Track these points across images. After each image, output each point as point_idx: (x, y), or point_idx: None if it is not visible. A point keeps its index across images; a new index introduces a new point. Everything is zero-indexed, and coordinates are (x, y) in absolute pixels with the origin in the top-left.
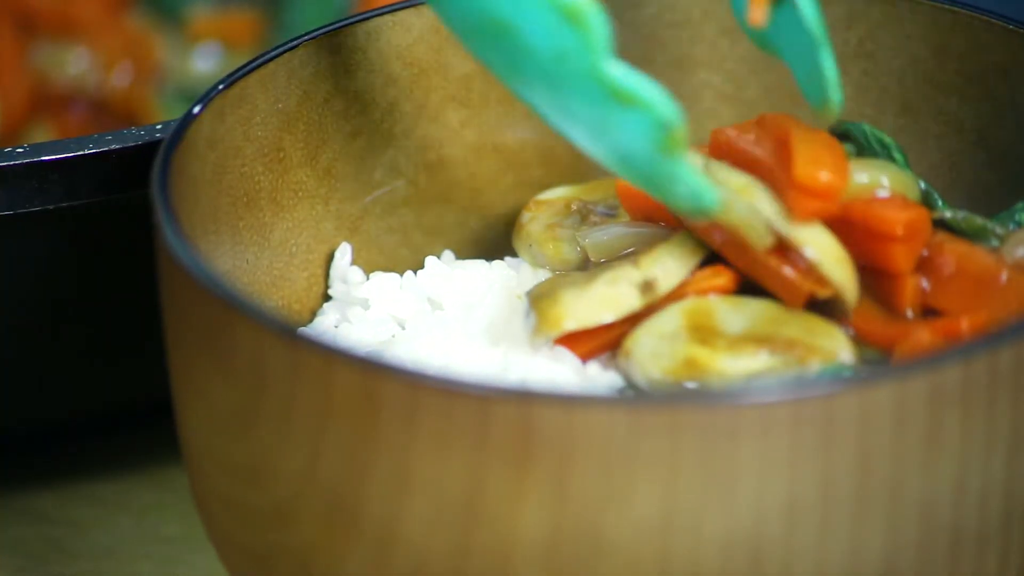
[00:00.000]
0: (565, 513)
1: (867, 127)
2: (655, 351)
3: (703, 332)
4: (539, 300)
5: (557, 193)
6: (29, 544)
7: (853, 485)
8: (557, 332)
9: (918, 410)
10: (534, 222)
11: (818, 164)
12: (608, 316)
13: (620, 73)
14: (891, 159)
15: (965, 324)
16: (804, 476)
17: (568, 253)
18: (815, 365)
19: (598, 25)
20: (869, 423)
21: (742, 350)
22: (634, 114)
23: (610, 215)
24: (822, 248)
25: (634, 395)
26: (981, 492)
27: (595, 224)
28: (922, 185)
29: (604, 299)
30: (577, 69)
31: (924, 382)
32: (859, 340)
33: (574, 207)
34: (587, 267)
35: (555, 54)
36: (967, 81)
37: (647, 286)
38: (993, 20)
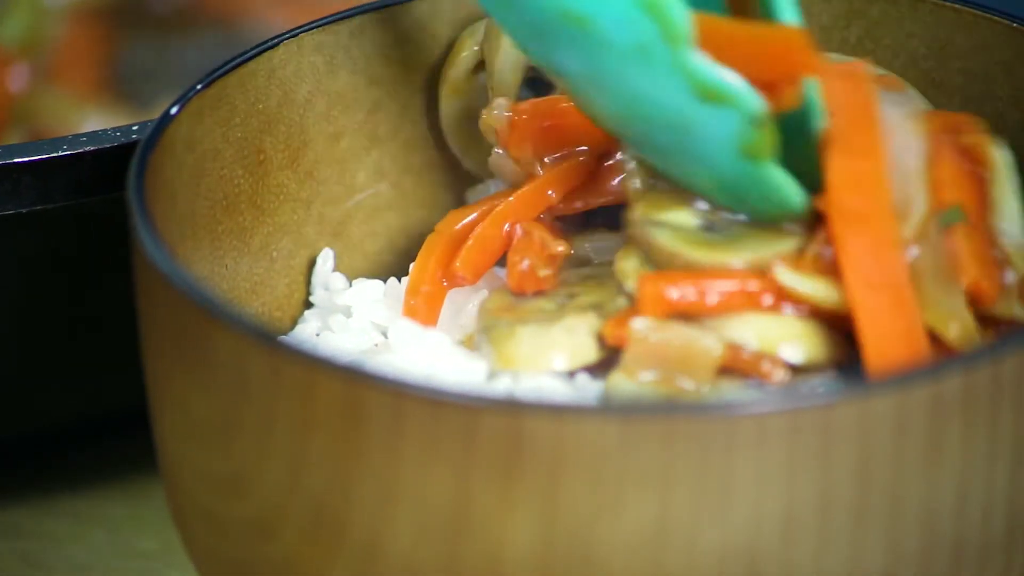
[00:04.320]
0: (555, 526)
1: None
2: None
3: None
4: (495, 330)
5: None
6: (3, 559)
7: (852, 497)
8: (510, 371)
9: (919, 420)
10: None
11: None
12: (562, 365)
13: (704, 65)
14: None
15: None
16: (802, 488)
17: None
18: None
19: (678, 14)
20: (869, 433)
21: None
22: (719, 111)
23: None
24: (764, 336)
25: (626, 404)
26: (984, 504)
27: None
28: None
29: (559, 347)
30: (658, 63)
31: (925, 391)
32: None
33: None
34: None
35: (634, 47)
36: (969, 80)
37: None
38: (996, 18)
